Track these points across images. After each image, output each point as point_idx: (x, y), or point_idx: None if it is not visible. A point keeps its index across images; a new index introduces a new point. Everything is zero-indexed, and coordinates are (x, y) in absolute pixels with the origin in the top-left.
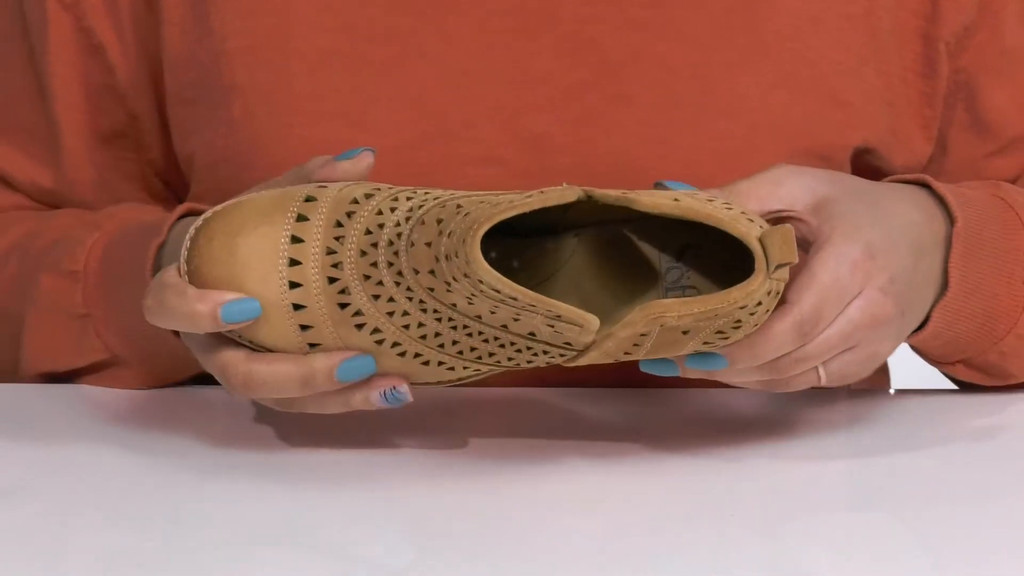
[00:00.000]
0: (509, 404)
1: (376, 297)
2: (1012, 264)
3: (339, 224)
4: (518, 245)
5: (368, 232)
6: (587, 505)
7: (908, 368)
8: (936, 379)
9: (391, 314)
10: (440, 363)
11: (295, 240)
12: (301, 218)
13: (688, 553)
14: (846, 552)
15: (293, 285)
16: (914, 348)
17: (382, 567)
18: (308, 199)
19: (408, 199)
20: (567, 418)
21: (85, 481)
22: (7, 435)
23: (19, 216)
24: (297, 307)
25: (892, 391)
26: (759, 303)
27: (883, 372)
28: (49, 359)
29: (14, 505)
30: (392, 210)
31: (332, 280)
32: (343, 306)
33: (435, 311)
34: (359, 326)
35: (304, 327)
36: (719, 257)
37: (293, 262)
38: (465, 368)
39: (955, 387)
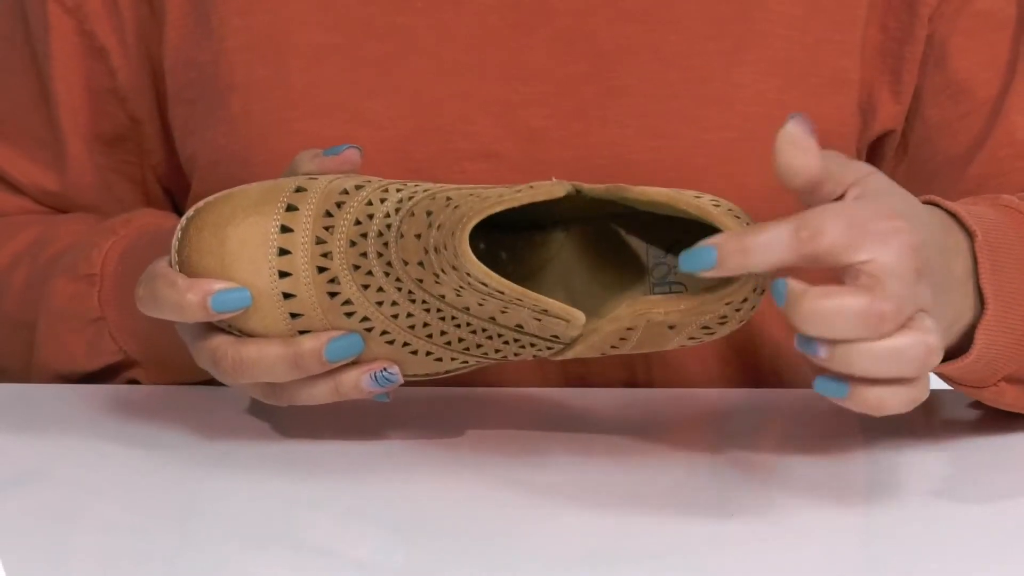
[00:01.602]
0: (508, 403)
1: (365, 287)
2: None
3: (328, 214)
4: (507, 238)
5: (357, 223)
6: (586, 505)
7: None
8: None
9: (380, 303)
10: (428, 353)
11: (285, 230)
12: (291, 208)
13: (688, 553)
14: (847, 552)
15: (283, 274)
16: (948, 379)
17: (377, 565)
18: (298, 189)
19: (398, 191)
20: (567, 417)
21: (91, 476)
22: (15, 430)
23: (25, 221)
24: (287, 296)
25: None
26: (745, 299)
27: None
28: (63, 363)
29: (21, 497)
30: (382, 201)
31: (321, 269)
32: (333, 295)
33: (424, 302)
34: (348, 314)
35: (294, 315)
36: None
37: (283, 251)
38: (453, 359)
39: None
